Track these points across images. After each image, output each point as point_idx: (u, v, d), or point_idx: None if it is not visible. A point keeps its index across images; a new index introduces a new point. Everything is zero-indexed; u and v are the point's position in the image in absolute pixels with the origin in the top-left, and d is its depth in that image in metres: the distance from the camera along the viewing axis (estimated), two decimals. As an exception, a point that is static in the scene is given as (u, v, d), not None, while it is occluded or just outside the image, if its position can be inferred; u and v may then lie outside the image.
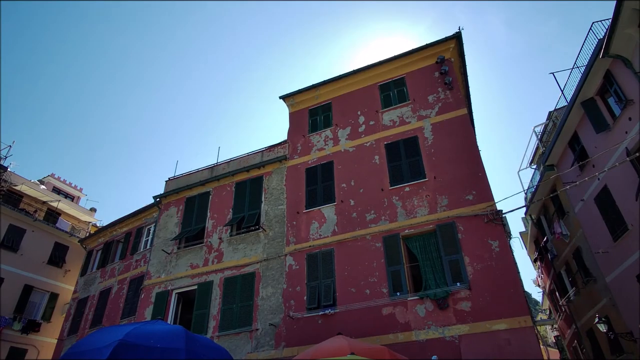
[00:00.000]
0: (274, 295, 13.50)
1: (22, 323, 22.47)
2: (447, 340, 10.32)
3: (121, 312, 18.63)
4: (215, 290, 14.66)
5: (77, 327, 20.35)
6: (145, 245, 20.12)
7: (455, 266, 11.27)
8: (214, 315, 14.14)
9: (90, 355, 7.33)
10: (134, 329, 8.00)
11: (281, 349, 12.40)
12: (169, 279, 16.05)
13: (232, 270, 14.82)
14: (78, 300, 21.72)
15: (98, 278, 21.52)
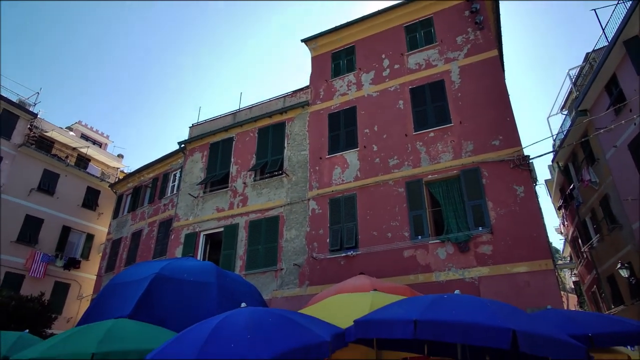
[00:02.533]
0: (298, 238, 13.96)
1: (63, 260, 24.16)
2: (466, 282, 10.60)
3: (153, 252, 19.68)
4: (241, 232, 15.24)
5: (113, 265, 21.72)
6: (172, 190, 20.80)
7: (478, 211, 11.30)
8: (241, 255, 14.81)
9: (129, 287, 7.91)
10: (168, 264, 8.54)
11: (305, 287, 13.02)
12: (196, 221, 16.72)
13: (257, 214, 15.29)
14: (112, 241, 23.02)
15: (129, 221, 22.58)
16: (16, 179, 23.40)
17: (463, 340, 3.81)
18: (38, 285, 21.53)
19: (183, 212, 17.46)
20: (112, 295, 8.00)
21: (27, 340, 7.04)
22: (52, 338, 6.28)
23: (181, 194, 18.07)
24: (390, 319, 4.27)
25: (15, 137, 24.07)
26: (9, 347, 6.55)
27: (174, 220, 17.88)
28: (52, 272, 23.62)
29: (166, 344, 5.31)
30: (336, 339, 5.18)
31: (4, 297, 13.48)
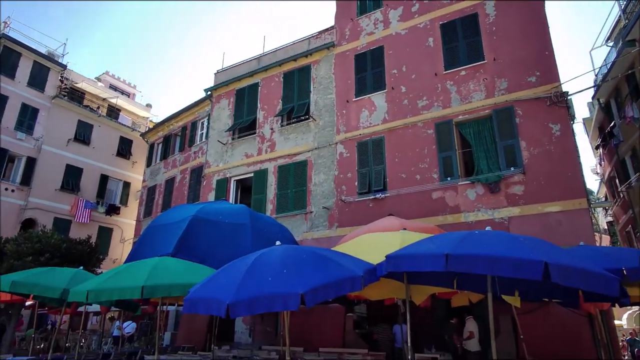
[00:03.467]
0: (326, 181, 14.14)
1: (104, 207, 25.56)
2: (496, 222, 10.60)
3: (186, 198, 20.45)
4: (270, 177, 15.54)
5: (150, 211, 22.79)
6: (201, 138, 21.16)
7: (510, 151, 11.02)
8: (271, 199, 15.21)
9: (169, 228, 8.37)
10: (203, 207, 8.93)
11: (334, 228, 13.38)
12: (226, 167, 17.11)
13: (285, 159, 15.46)
14: (148, 188, 23.99)
15: (162, 168, 23.32)
16: (53, 130, 24.32)
17: (495, 272, 3.90)
18: (84, 230, 22.99)
19: (213, 158, 17.85)
20: (153, 236, 8.51)
21: (82, 275, 7.68)
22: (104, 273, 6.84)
23: (210, 141, 18.37)
24: (422, 253, 4.39)
25: (49, 89, 24.70)
26: (68, 281, 7.18)
27: (204, 167, 18.35)
28: (96, 217, 25.11)
29: (208, 279, 5.70)
30: (368, 273, 5.41)
31: (56, 239, 14.53)
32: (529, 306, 8.45)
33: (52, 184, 23.72)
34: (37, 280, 7.14)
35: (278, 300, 4.68)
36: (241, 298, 4.71)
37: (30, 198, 22.73)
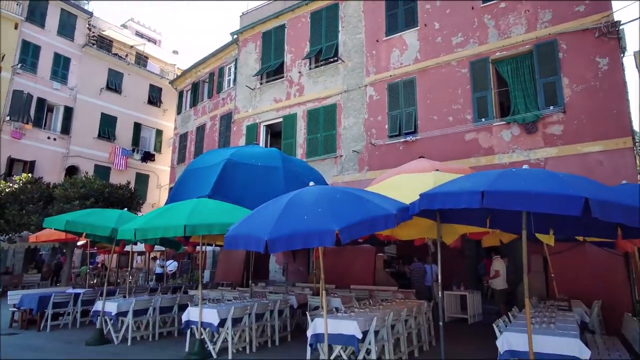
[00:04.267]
0: (356, 125, 14.00)
1: (140, 154, 26.46)
2: (531, 163, 10.31)
3: (217, 145, 20.80)
4: (300, 122, 15.51)
5: (184, 157, 23.43)
6: (228, 84, 21.08)
7: (551, 89, 10.47)
8: (300, 143, 15.28)
9: (205, 171, 8.65)
10: (236, 151, 9.10)
11: (364, 172, 13.43)
12: (255, 112, 17.14)
13: (314, 103, 15.30)
14: (179, 135, 24.49)
15: (192, 116, 23.61)
16: (86, 79, 24.79)
17: (532, 209, 3.88)
18: (122, 177, 24.04)
19: (242, 104, 17.87)
20: (190, 179, 8.84)
21: (127, 216, 8.17)
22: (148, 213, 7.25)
23: (238, 86, 18.30)
24: (457, 190, 4.39)
25: (78, 38, 24.88)
26: (115, 221, 7.66)
27: (234, 113, 18.45)
28: (132, 165, 26.11)
29: (245, 218, 5.94)
30: (401, 212, 5.49)
31: (99, 185, 15.32)
32: (562, 246, 8.43)
33: (90, 132, 24.59)
34: (88, 219, 7.68)
35: (314, 237, 4.85)
36: (279, 235, 4.92)
37: (71, 146, 23.74)
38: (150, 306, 7.93)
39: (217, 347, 6.51)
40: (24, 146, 21.76)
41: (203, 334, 6.56)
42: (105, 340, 7.47)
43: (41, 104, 22.75)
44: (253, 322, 6.97)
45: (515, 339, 4.39)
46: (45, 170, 21.74)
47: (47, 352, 6.84)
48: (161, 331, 8.18)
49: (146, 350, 6.98)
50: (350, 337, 5.19)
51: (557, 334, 4.39)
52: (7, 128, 21.15)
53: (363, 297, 9.16)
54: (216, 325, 6.34)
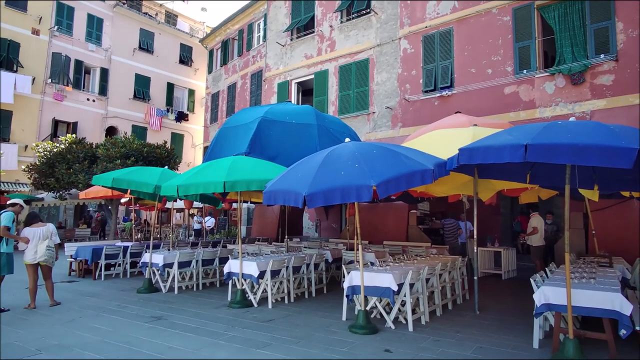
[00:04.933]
0: (389, 80, 13.64)
1: (174, 114, 27.01)
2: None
3: (249, 103, 20.87)
4: (331, 78, 15.25)
5: (216, 116, 23.71)
6: (258, 41, 20.77)
7: (602, 35, 9.75)
8: (332, 101, 15.11)
9: (240, 129, 8.76)
10: (270, 108, 9.13)
11: (398, 128, 13.22)
12: (286, 70, 16.94)
13: (346, 58, 14.93)
14: (211, 95, 24.67)
15: (223, 74, 23.61)
16: (119, 40, 25.06)
17: (579, 162, 3.75)
18: (158, 136, 24.73)
19: (273, 61, 17.68)
20: (226, 137, 8.99)
21: (168, 174, 8.49)
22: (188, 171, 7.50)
23: (269, 43, 18.03)
24: (499, 144, 4.27)
25: (108, -2, 24.97)
26: (157, 178, 7.99)
27: (264, 71, 18.31)
28: (167, 124, 26.74)
29: (283, 174, 6.06)
30: (438, 167, 5.43)
31: (138, 144, 15.86)
32: (604, 203, 8.17)
33: (126, 93, 25.16)
34: (133, 177, 8.06)
35: (351, 192, 4.91)
36: (316, 190, 5.00)
37: (109, 107, 24.47)
38: (193, 259, 8.38)
39: (257, 297, 6.88)
40: (66, 108, 22.61)
41: (244, 284, 6.92)
42: (154, 289, 8.03)
43: (79, 66, 23.33)
44: (290, 275, 7.27)
45: (552, 293, 4.39)
46: (87, 131, 22.64)
47: (104, 298, 7.45)
48: (204, 282, 8.68)
49: (192, 299, 7.46)
50: (386, 289, 5.34)
51: (597, 288, 4.36)
52: (49, 90, 21.93)
53: (396, 252, 9.32)
54: (256, 276, 6.66)
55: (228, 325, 5.64)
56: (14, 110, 20.50)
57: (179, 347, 4.69)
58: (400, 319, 5.73)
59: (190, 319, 5.97)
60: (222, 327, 5.52)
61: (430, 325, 5.67)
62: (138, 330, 5.36)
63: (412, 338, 5.05)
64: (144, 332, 5.28)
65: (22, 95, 20.46)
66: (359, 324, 5.31)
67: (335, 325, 5.66)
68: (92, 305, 6.86)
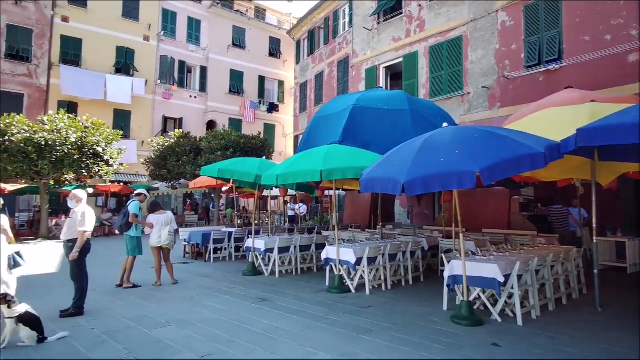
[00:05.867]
0: (485, 58, 12.73)
1: (266, 105, 28.34)
2: None
3: (336, 91, 21.03)
4: (421, 60, 14.69)
5: (305, 106, 24.33)
6: (344, 27, 20.73)
7: None
8: (423, 84, 14.57)
9: (333, 118, 8.89)
10: (361, 96, 9.11)
11: (496, 109, 12.34)
12: (374, 55, 16.71)
13: (437, 38, 14.25)
14: (300, 85, 25.33)
15: (310, 64, 24.05)
16: (215, 39, 26.87)
17: None
18: (252, 127, 26.16)
19: (360, 47, 17.55)
20: (319, 126, 9.19)
21: (266, 164, 8.97)
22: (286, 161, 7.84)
23: (355, 29, 17.90)
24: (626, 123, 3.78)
25: (204, 0, 26.81)
26: (257, 168, 8.49)
27: (351, 57, 18.26)
28: (260, 116, 28.16)
29: (379, 161, 6.03)
30: (550, 150, 4.97)
31: (235, 136, 16.97)
32: None
33: (222, 88, 26.99)
34: (235, 167, 8.68)
35: (452, 179, 4.72)
36: (415, 177, 4.90)
37: (208, 102, 26.48)
38: (292, 244, 8.79)
39: (354, 283, 7.00)
40: (173, 105, 24.97)
41: (341, 270, 7.09)
42: (257, 272, 8.60)
43: (182, 66, 25.55)
44: (387, 262, 7.27)
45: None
46: (191, 126, 24.79)
47: (214, 279, 8.18)
48: (302, 267, 9.07)
49: (292, 283, 7.86)
50: (491, 280, 5.08)
51: None
52: (159, 90, 24.37)
53: (497, 241, 8.79)
54: (353, 263, 6.78)
55: (328, 309, 5.85)
56: (132, 110, 23.21)
57: (284, 327, 4.99)
58: (507, 311, 5.42)
59: (292, 301, 6.30)
60: (323, 311, 5.73)
61: (542, 320, 5.28)
62: (247, 310, 5.81)
63: (523, 333, 4.76)
64: (252, 312, 5.70)
65: (138, 97, 23.04)
66: (462, 315, 5.14)
67: (436, 315, 5.55)
68: (205, 285, 7.58)
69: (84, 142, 14.84)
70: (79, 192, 5.60)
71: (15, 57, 20.60)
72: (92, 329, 4.87)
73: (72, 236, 5.36)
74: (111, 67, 22.87)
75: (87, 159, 15.07)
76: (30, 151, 13.64)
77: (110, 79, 22.16)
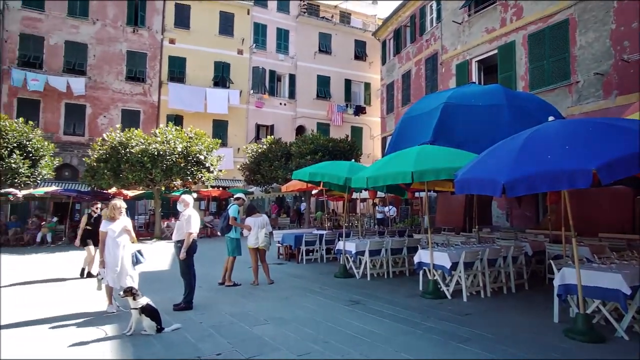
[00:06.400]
0: (598, 40, 11.35)
1: (352, 108, 28.54)
2: None
3: (424, 89, 20.38)
4: (519, 50, 13.59)
5: (392, 106, 23.99)
6: (431, 23, 20.04)
7: None
8: (521, 75, 13.46)
9: (422, 118, 8.61)
10: (453, 93, 8.69)
11: (613, 97, 10.92)
12: (465, 49, 15.88)
13: (537, 25, 13.08)
14: (386, 86, 25.05)
15: (396, 64, 23.66)
16: (302, 47, 27.79)
17: None
18: (340, 131, 26.49)
19: (449, 42, 16.81)
20: (408, 127, 8.97)
21: (356, 166, 9.00)
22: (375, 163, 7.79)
23: (443, 24, 17.21)
24: None
25: (292, 10, 27.90)
26: (347, 171, 8.55)
27: (440, 54, 17.57)
28: (346, 119, 28.42)
29: (475, 161, 5.68)
30: (689, 142, 4.23)
31: (324, 140, 17.32)
32: None
33: (310, 94, 27.79)
34: (326, 170, 8.85)
35: (562, 178, 4.25)
36: (518, 176, 4.50)
37: (297, 108, 27.44)
38: (382, 247, 8.68)
39: (450, 289, 6.68)
40: (264, 113, 26.35)
41: (435, 275, 6.82)
42: (348, 274, 8.64)
43: (272, 75, 26.86)
44: (485, 267, 6.82)
45: None
46: (281, 132, 25.90)
47: (307, 280, 8.41)
48: (393, 270, 8.91)
49: (384, 286, 7.75)
50: (614, 291, 4.48)
51: None
52: (251, 99, 25.90)
53: (618, 247, 7.74)
54: (448, 268, 6.47)
55: (423, 315, 5.65)
56: (228, 119, 24.99)
57: (378, 331, 4.92)
58: (635, 328, 4.74)
59: (385, 305, 6.21)
60: (417, 317, 5.56)
61: (681, 340, 4.52)
62: (340, 312, 5.86)
63: (656, 354, 4.12)
64: (345, 314, 5.73)
65: (233, 107, 24.73)
66: (578, 329, 4.61)
67: (544, 327, 5.06)
68: (298, 285, 7.82)
69: (189, 151, 16.31)
70: (187, 197, 6.14)
71: (133, 78, 23.47)
72: (200, 322, 5.30)
73: (181, 237, 5.89)
74: (210, 81, 24.87)
75: (192, 167, 16.53)
76: (145, 161, 15.35)
77: (209, 92, 24.12)
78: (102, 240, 5.59)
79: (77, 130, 22.23)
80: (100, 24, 22.84)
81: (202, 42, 24.87)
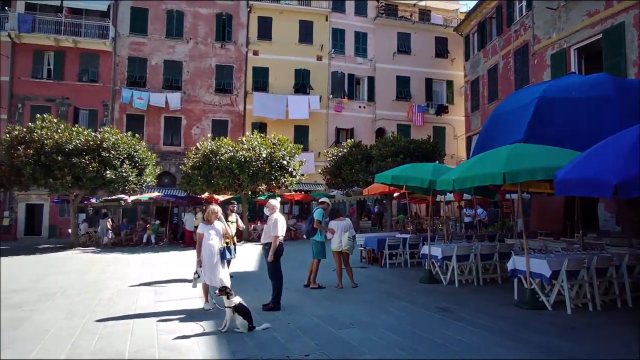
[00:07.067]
0: None
1: (434, 108, 27.57)
2: None
3: (513, 84, 18.99)
4: (630, 32, 12.06)
5: (477, 104, 22.73)
6: (520, 12, 18.66)
7: None
8: (634, 60, 11.93)
9: (514, 114, 8.03)
10: (549, 85, 7.99)
11: None
12: (562, 36, 14.51)
13: (650, 1, 11.52)
14: (470, 82, 23.81)
15: (482, 59, 22.38)
16: (380, 48, 27.57)
17: None
18: (421, 132, 25.73)
19: (542, 31, 15.50)
20: (498, 124, 8.41)
21: (440, 168, 8.67)
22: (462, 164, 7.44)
23: (535, 12, 15.92)
24: None
25: (370, 13, 27.84)
26: (431, 173, 8.27)
27: (532, 44, 16.26)
28: (428, 119, 27.53)
29: (579, 159, 5.16)
30: None
31: (405, 142, 16.97)
32: None
33: (389, 95, 27.43)
34: (409, 173, 8.64)
35: (692, 176, 3.69)
36: (634, 174, 3.99)
37: (377, 111, 27.25)
38: (471, 252, 8.22)
39: (551, 299, 6.09)
40: (344, 117, 26.58)
41: (533, 284, 6.28)
42: (434, 280, 8.32)
43: (351, 79, 27.01)
44: (593, 277, 6.12)
45: None
46: (361, 135, 25.90)
47: (391, 284, 8.26)
48: (484, 277, 8.38)
49: (474, 293, 7.33)
50: None
51: None
52: (331, 104, 26.29)
53: None
54: (548, 276, 5.92)
55: (519, 326, 5.23)
56: (309, 125, 25.62)
57: (469, 341, 4.66)
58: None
59: (475, 314, 5.86)
60: (513, 328, 5.16)
61: None
62: (427, 319, 5.65)
63: None
64: (432, 321, 5.51)
65: (314, 112, 25.32)
66: None
67: (670, 348, 4.40)
68: (383, 290, 7.71)
69: (273, 157, 17.01)
70: (274, 202, 6.39)
71: (222, 90, 25.23)
72: (287, 323, 5.46)
73: (268, 240, 6.13)
74: (291, 89, 25.75)
75: (276, 172, 17.20)
76: (233, 167, 16.32)
77: (291, 99, 24.98)
78: (199, 241, 6.04)
79: (174, 141, 24.45)
80: (193, 42, 24.92)
81: (283, 51, 25.87)
